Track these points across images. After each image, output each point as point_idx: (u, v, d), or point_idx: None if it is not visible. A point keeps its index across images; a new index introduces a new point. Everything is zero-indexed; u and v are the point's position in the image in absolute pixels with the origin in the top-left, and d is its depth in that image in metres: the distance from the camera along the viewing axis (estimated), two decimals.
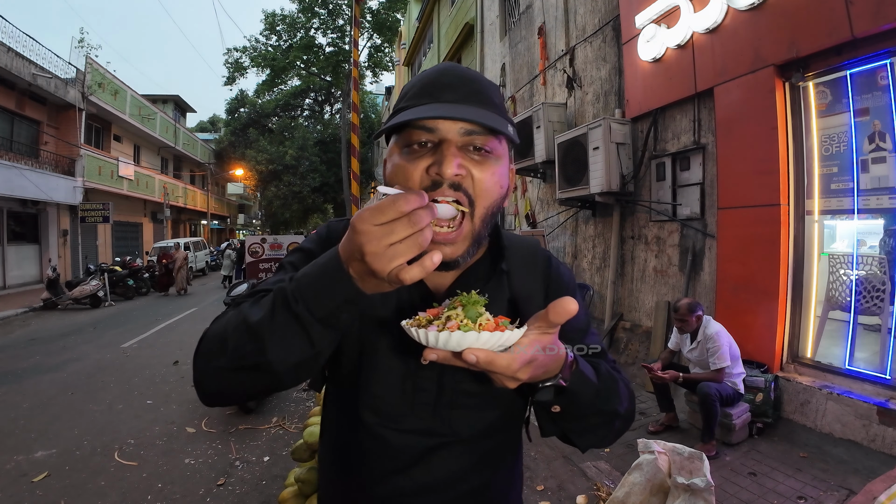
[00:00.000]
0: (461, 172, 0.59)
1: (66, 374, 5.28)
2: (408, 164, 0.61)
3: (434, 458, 0.70)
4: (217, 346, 0.58)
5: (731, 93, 3.62)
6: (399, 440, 0.69)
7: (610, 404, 0.68)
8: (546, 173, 6.48)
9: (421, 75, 0.67)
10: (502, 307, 0.71)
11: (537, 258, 0.79)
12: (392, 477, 0.70)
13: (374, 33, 22.78)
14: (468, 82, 0.63)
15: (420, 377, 0.69)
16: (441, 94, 0.61)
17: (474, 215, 0.62)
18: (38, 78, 11.77)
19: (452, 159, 0.58)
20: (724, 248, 3.73)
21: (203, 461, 3.17)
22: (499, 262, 0.73)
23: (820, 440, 2.98)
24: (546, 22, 6.52)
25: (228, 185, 32.91)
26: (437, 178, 0.59)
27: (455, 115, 0.57)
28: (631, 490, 1.92)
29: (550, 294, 0.76)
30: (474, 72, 0.67)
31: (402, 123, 0.60)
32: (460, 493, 0.71)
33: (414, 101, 0.62)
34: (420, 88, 0.64)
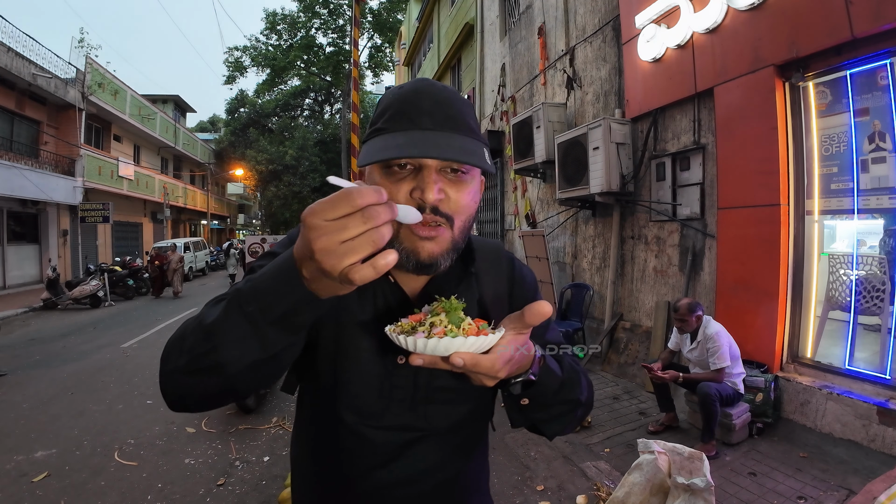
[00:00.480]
0: (441, 196, 0.63)
1: (66, 374, 5.28)
2: (390, 186, 0.63)
3: (412, 452, 0.73)
4: (177, 347, 0.58)
5: (731, 93, 3.62)
6: (379, 436, 0.73)
7: (573, 394, 0.73)
8: (546, 173, 6.48)
9: (398, 94, 0.68)
10: (472, 307, 0.75)
11: (502, 260, 0.84)
12: (373, 472, 0.73)
13: (374, 33, 22.79)
14: (445, 107, 0.65)
15: (396, 375, 0.72)
16: (420, 120, 0.63)
17: (454, 228, 0.66)
18: (38, 78, 11.78)
19: (433, 185, 0.62)
20: (723, 248, 3.73)
21: (203, 461, 3.17)
22: (469, 265, 0.78)
23: (820, 440, 2.98)
24: (546, 22, 6.52)
25: (228, 185, 32.90)
26: (420, 202, 0.62)
27: (434, 153, 0.60)
28: (631, 490, 1.92)
29: (515, 293, 0.82)
30: (450, 92, 0.68)
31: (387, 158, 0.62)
32: (437, 483, 0.76)
33: (392, 125, 0.65)
34: (398, 111, 0.65)
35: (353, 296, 0.68)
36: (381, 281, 0.75)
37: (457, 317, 0.58)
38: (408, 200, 0.63)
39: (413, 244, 0.65)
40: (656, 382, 3.34)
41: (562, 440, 3.27)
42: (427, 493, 0.75)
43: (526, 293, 0.84)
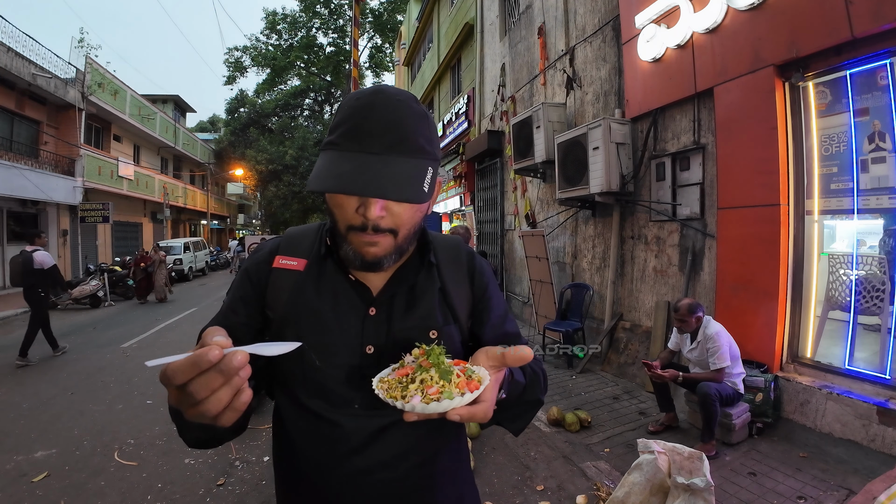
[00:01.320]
0: (382, 214, 0.68)
1: (66, 374, 5.28)
2: (340, 198, 0.70)
3: (386, 436, 0.76)
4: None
5: (731, 93, 3.62)
6: (352, 424, 0.75)
7: (534, 395, 0.82)
8: (546, 173, 6.48)
9: (354, 107, 0.69)
10: (434, 295, 0.82)
11: (461, 254, 0.90)
12: (349, 458, 0.76)
13: (374, 33, 22.79)
14: (394, 127, 0.66)
15: (364, 366, 0.75)
16: (369, 144, 0.66)
17: (398, 237, 0.72)
18: (37, 78, 11.77)
19: (374, 205, 0.67)
20: (723, 248, 3.73)
21: (203, 461, 3.17)
22: (426, 256, 0.83)
23: (820, 440, 2.98)
24: (546, 22, 6.52)
25: (228, 185, 32.90)
26: (363, 221, 0.68)
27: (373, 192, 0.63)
28: (631, 490, 1.92)
29: (475, 283, 0.88)
30: (404, 108, 0.69)
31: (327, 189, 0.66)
32: (411, 466, 0.78)
33: (344, 143, 0.67)
34: (351, 128, 0.67)
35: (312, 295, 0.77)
36: (341, 279, 0.79)
37: (445, 370, 0.63)
38: (354, 215, 0.69)
39: (359, 248, 0.72)
40: (656, 382, 3.35)
41: (562, 440, 3.27)
42: (404, 478, 0.78)
43: (485, 283, 0.90)
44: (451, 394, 0.60)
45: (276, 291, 0.79)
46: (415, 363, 0.65)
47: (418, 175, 0.67)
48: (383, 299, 0.79)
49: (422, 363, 0.64)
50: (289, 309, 0.78)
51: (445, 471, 0.84)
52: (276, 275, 0.80)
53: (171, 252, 16.00)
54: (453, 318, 0.83)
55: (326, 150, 0.70)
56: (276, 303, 0.79)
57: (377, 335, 0.77)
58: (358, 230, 0.70)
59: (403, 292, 0.80)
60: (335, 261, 0.79)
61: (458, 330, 0.83)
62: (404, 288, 0.80)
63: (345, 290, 0.78)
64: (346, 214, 0.70)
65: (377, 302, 0.78)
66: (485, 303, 0.89)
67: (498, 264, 8.62)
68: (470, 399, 0.60)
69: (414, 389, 0.61)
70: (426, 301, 0.81)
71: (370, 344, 0.76)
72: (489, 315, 0.88)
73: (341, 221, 0.72)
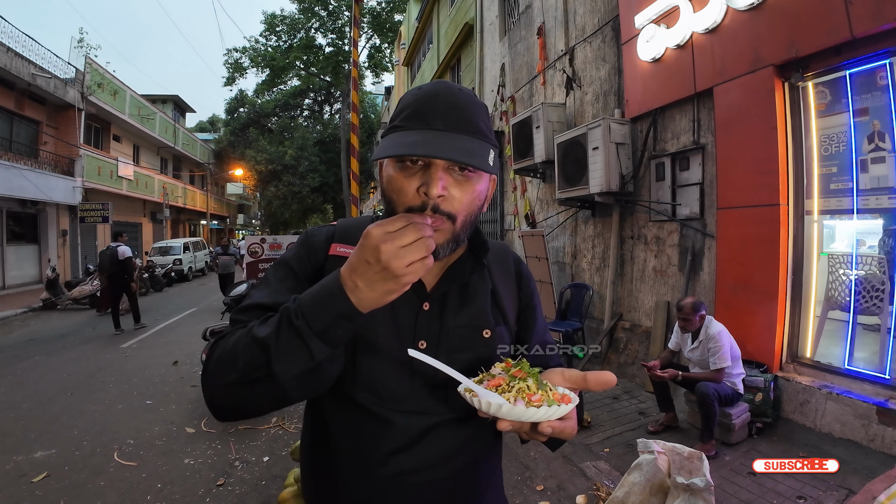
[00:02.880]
0: (444, 193, 0.68)
1: (66, 374, 5.28)
2: (402, 179, 0.69)
3: (432, 436, 0.74)
4: (228, 362, 0.65)
5: (731, 93, 3.62)
6: (402, 420, 0.74)
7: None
8: (545, 173, 6.48)
9: (417, 95, 0.73)
10: (486, 295, 0.82)
11: (509, 258, 0.92)
12: (395, 456, 0.73)
13: (373, 34, 22.79)
14: (457, 110, 0.70)
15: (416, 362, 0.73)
16: (433, 121, 0.69)
17: (456, 223, 0.71)
18: (37, 78, 11.77)
19: (438, 182, 0.67)
20: (723, 248, 3.74)
21: (203, 461, 3.17)
22: (481, 257, 0.83)
23: (819, 440, 2.98)
24: (545, 22, 6.52)
25: (228, 185, 32.89)
26: (424, 199, 0.67)
27: (436, 153, 0.65)
28: (631, 490, 1.92)
29: (522, 289, 0.90)
30: (465, 95, 0.73)
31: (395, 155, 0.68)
32: (456, 469, 0.77)
33: (408, 124, 0.70)
34: (414, 111, 0.70)
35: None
36: None
37: (541, 381, 0.63)
38: (415, 196, 0.68)
39: None
40: (656, 382, 3.35)
41: None
42: (447, 479, 0.76)
43: (531, 290, 0.92)
44: (552, 401, 0.60)
45: None
46: (504, 375, 0.65)
47: (482, 151, 0.69)
48: (437, 295, 0.79)
49: (515, 373, 0.64)
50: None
51: (486, 477, 0.83)
52: (333, 262, 0.79)
53: (171, 252, 15.99)
54: (504, 321, 0.83)
55: (390, 133, 0.71)
56: None
57: (429, 330, 0.77)
58: (417, 210, 0.69)
59: (456, 290, 0.80)
60: None
61: (507, 332, 0.84)
62: (457, 286, 0.80)
63: None
64: (406, 196, 0.69)
65: (431, 297, 0.78)
66: (531, 310, 0.90)
67: None
68: (565, 412, 0.60)
69: (513, 396, 0.60)
70: (479, 300, 0.81)
71: (422, 339, 0.76)
72: (535, 322, 0.90)
73: (400, 206, 0.70)
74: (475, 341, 0.78)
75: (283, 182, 23.85)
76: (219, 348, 0.69)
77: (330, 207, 28.10)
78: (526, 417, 0.58)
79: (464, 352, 0.77)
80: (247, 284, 5.07)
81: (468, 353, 0.77)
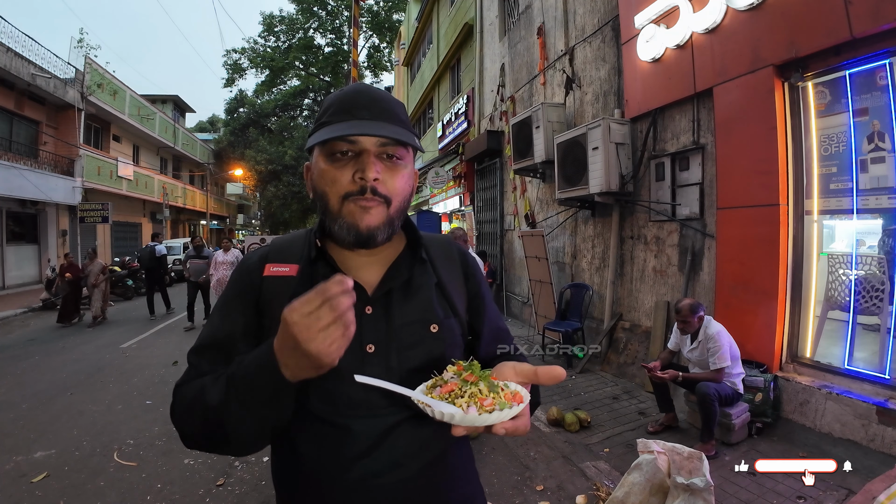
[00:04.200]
0: (378, 177, 0.72)
1: (66, 374, 5.28)
2: (335, 171, 0.73)
3: (395, 436, 0.75)
4: (189, 418, 0.72)
5: (731, 93, 3.62)
6: (361, 425, 0.74)
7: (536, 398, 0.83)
8: (545, 173, 6.48)
9: (339, 94, 0.78)
10: (430, 290, 0.82)
11: (452, 251, 0.92)
12: (360, 461, 0.73)
13: (372, 34, 22.79)
14: (379, 102, 0.76)
15: (367, 365, 0.74)
16: (358, 113, 0.73)
17: (390, 207, 0.75)
18: (37, 78, 11.76)
19: (372, 166, 0.72)
20: (723, 248, 3.74)
21: (202, 461, 3.17)
22: (418, 251, 0.84)
23: (819, 440, 2.99)
24: (545, 22, 6.52)
25: (228, 186, 32.86)
26: (361, 183, 0.72)
27: (374, 131, 0.71)
28: (630, 490, 1.92)
29: (469, 279, 0.90)
30: (385, 93, 0.79)
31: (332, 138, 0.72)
32: (424, 464, 0.77)
33: (334, 118, 0.74)
34: (338, 107, 0.75)
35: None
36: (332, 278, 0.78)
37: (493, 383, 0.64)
38: (350, 183, 0.72)
39: (353, 218, 0.73)
40: (656, 382, 3.35)
41: (561, 440, 3.27)
42: (415, 477, 0.76)
43: (479, 280, 0.93)
44: (504, 404, 0.61)
45: (272, 299, 0.78)
46: (456, 379, 0.65)
47: (407, 135, 0.74)
48: (379, 296, 0.78)
49: (466, 377, 0.65)
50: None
51: (456, 468, 0.83)
52: (269, 283, 0.80)
53: (171, 252, 15.98)
54: (453, 312, 0.83)
55: (318, 129, 0.75)
56: (274, 311, 0.76)
57: (377, 333, 0.76)
58: (355, 195, 0.72)
59: (399, 288, 0.80)
60: (326, 262, 0.80)
61: (458, 324, 0.83)
62: (399, 283, 0.80)
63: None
64: (342, 185, 0.73)
65: (373, 300, 0.78)
66: (480, 299, 0.91)
67: (497, 264, 8.62)
68: (516, 412, 0.61)
69: (465, 402, 0.62)
70: (423, 295, 0.81)
71: (370, 343, 0.75)
72: (485, 311, 0.91)
73: (335, 194, 0.74)
74: (424, 336, 0.78)
75: (283, 182, 23.85)
76: (179, 401, 0.74)
77: None
78: (479, 423, 0.60)
79: (414, 348, 0.77)
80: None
81: (419, 348, 0.77)
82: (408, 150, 0.77)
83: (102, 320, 8.63)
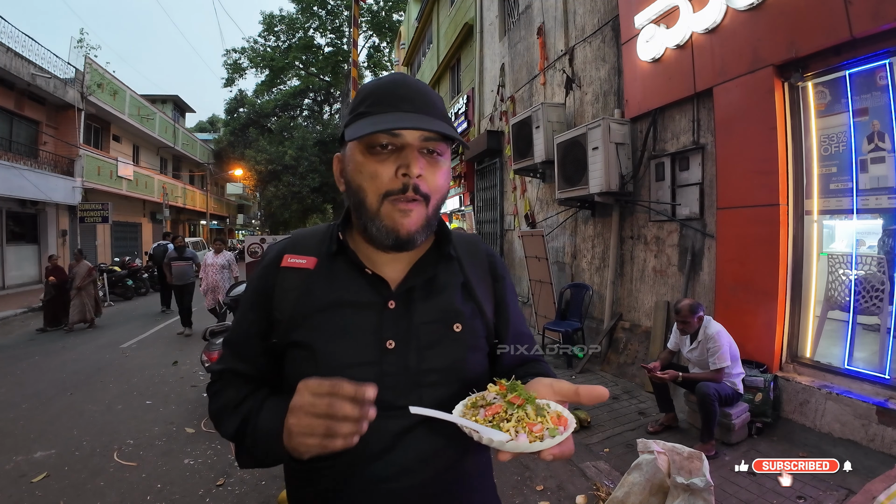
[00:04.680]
0: (423, 173, 0.69)
1: (66, 374, 5.28)
2: (375, 164, 0.69)
3: (407, 440, 0.71)
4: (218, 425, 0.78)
5: (731, 93, 3.62)
6: (374, 427, 0.69)
7: None
8: (545, 173, 6.48)
9: (377, 84, 0.74)
10: (456, 288, 0.80)
11: (480, 251, 0.88)
12: (369, 464, 0.71)
13: (372, 34, 22.79)
14: (421, 94, 0.72)
15: (385, 363, 0.72)
16: (400, 105, 0.70)
17: (429, 205, 0.72)
18: (37, 78, 11.75)
19: (417, 161, 0.68)
20: (723, 248, 3.74)
21: (202, 461, 3.17)
22: (445, 248, 0.81)
23: (819, 440, 2.98)
24: (545, 22, 6.52)
25: (227, 186, 32.87)
26: (405, 179, 0.68)
27: (423, 125, 0.67)
28: (630, 490, 1.92)
29: (497, 280, 0.87)
30: (424, 84, 0.76)
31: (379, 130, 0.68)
32: (436, 473, 0.73)
33: (374, 109, 0.70)
34: (379, 97, 0.72)
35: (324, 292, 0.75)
36: (355, 275, 0.77)
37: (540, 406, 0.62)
38: (393, 179, 0.69)
39: (393, 221, 0.70)
40: (656, 383, 3.35)
41: None
42: (427, 485, 0.72)
43: (506, 282, 0.89)
44: (554, 430, 0.59)
45: (284, 292, 0.76)
46: (500, 401, 0.63)
47: (454, 131, 0.71)
48: (402, 292, 0.76)
49: (512, 400, 0.62)
50: (298, 308, 0.75)
51: (471, 477, 0.79)
52: (284, 274, 0.78)
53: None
54: (479, 313, 0.80)
55: (356, 120, 0.71)
56: (284, 303, 0.76)
57: (397, 329, 0.74)
58: (396, 194, 0.69)
59: (423, 284, 0.77)
60: (348, 256, 0.77)
61: (483, 325, 0.80)
62: (424, 280, 0.77)
63: (360, 285, 0.76)
64: (382, 181, 0.69)
65: (396, 295, 0.75)
66: (505, 303, 0.87)
67: None
68: (565, 437, 0.59)
69: (513, 427, 0.59)
70: (448, 294, 0.78)
71: (390, 338, 0.73)
72: (509, 314, 0.87)
73: (374, 192, 0.70)
74: (446, 336, 0.75)
75: (283, 182, 23.83)
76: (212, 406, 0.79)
77: (330, 207, 28.08)
78: (529, 450, 0.58)
79: (434, 347, 0.74)
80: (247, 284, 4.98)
81: (439, 348, 0.74)
82: (447, 145, 0.75)
83: (90, 326, 8.00)
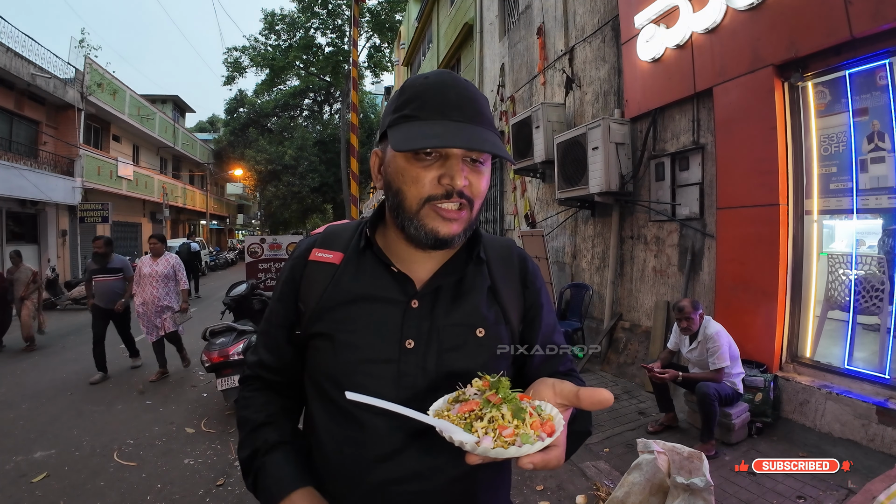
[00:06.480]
0: (467, 183, 0.69)
1: (66, 374, 5.28)
2: (418, 169, 0.68)
3: (421, 443, 0.69)
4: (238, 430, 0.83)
5: (731, 93, 3.62)
6: (386, 425, 0.69)
7: (585, 425, 0.75)
8: (545, 173, 6.48)
9: (425, 84, 0.71)
10: (482, 292, 0.78)
11: (512, 255, 0.86)
12: (381, 464, 0.70)
13: (373, 34, 22.78)
14: (471, 102, 0.70)
15: (404, 362, 0.71)
16: (450, 113, 0.68)
17: (472, 209, 0.72)
18: (37, 78, 11.75)
19: (461, 172, 0.68)
20: (723, 248, 3.74)
21: (202, 461, 3.17)
22: (475, 250, 0.79)
23: (819, 440, 2.99)
24: (545, 22, 6.52)
25: (227, 186, 32.87)
26: (448, 188, 0.68)
27: (474, 145, 0.66)
28: (630, 490, 1.92)
29: (527, 287, 0.84)
30: (472, 88, 0.73)
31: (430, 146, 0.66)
32: (450, 480, 0.71)
33: (423, 114, 0.69)
34: (426, 101, 0.69)
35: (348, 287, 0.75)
36: (381, 272, 0.76)
37: (519, 407, 0.55)
38: (435, 185, 0.68)
39: (434, 224, 0.69)
40: (656, 382, 3.35)
41: None
42: (439, 491, 0.71)
43: (538, 288, 0.86)
44: (527, 437, 0.52)
45: (310, 284, 0.78)
46: (479, 397, 0.58)
47: (499, 142, 0.70)
48: (427, 291, 0.75)
49: (489, 398, 0.56)
50: (323, 301, 0.75)
51: (487, 487, 0.76)
52: (312, 267, 0.79)
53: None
54: (504, 319, 0.78)
55: (402, 122, 0.70)
56: (309, 296, 0.77)
57: (419, 329, 0.73)
58: (440, 198, 0.68)
59: (450, 285, 0.76)
60: (375, 253, 0.77)
61: (508, 332, 0.78)
62: (451, 281, 0.76)
63: (386, 282, 0.75)
64: (424, 187, 0.68)
65: (420, 294, 0.74)
66: (537, 309, 0.84)
67: None
68: (539, 448, 0.52)
69: (482, 428, 0.53)
70: (474, 297, 0.77)
71: (410, 338, 0.72)
72: (541, 323, 0.83)
73: (416, 196, 0.69)
74: (468, 340, 0.74)
75: (283, 182, 23.83)
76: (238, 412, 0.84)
77: (330, 207, 28.10)
78: (492, 456, 0.51)
79: (456, 351, 0.73)
80: (247, 284, 4.96)
81: (460, 352, 0.73)
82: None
83: (30, 347, 6.45)
